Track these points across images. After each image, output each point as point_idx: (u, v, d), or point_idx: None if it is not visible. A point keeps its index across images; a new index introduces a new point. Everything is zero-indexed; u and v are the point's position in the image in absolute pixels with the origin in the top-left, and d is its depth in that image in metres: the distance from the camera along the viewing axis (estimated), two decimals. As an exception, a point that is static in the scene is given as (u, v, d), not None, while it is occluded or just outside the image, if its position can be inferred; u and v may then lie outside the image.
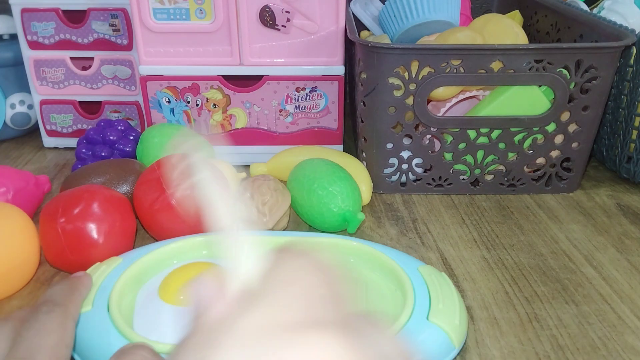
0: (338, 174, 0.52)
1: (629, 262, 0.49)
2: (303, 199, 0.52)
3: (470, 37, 0.58)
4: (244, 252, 0.20)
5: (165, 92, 0.64)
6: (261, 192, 0.50)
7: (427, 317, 0.37)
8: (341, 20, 0.61)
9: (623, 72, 0.60)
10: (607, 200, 0.60)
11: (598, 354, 0.38)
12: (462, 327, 0.37)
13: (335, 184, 0.51)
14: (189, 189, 0.46)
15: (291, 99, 0.64)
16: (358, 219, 0.50)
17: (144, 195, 0.48)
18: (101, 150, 0.61)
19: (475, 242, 0.52)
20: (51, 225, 0.44)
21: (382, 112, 0.57)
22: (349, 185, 0.51)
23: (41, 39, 0.67)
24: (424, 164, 0.60)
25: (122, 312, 0.37)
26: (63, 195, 0.46)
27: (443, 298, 0.38)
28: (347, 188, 0.51)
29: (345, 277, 0.19)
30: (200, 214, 0.21)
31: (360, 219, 0.50)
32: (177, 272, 0.41)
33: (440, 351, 0.36)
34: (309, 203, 0.51)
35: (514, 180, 0.61)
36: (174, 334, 0.35)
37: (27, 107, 0.74)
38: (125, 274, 0.40)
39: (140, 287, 0.42)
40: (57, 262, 0.45)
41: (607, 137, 0.64)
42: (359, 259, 0.45)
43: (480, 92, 0.59)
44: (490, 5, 0.91)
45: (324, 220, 0.51)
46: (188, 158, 0.23)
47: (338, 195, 0.50)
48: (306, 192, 0.51)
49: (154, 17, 0.60)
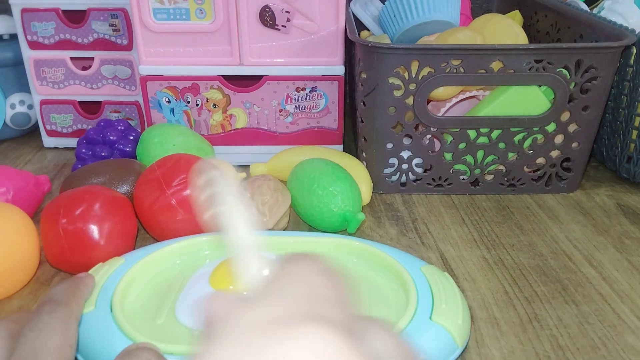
0: (338, 174, 0.52)
1: (629, 262, 0.49)
2: (303, 199, 0.52)
3: (470, 37, 0.58)
4: (257, 267, 0.22)
5: (165, 92, 0.64)
6: (261, 192, 0.50)
7: (430, 316, 0.37)
8: (341, 20, 0.61)
9: (623, 72, 0.60)
10: (607, 200, 0.60)
11: (598, 354, 0.38)
12: (465, 327, 0.37)
13: (335, 184, 0.51)
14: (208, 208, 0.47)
15: (291, 99, 0.64)
16: (358, 219, 0.50)
17: (143, 196, 0.48)
18: (101, 150, 0.61)
19: (475, 242, 0.52)
20: (52, 225, 0.44)
21: (382, 112, 0.57)
22: (349, 185, 0.51)
23: (41, 39, 0.67)
24: (424, 164, 0.60)
25: (125, 312, 0.37)
26: (64, 195, 0.46)
27: (446, 298, 0.38)
28: (347, 188, 0.51)
29: (350, 280, 0.19)
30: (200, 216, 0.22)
31: (361, 219, 0.50)
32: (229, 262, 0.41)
33: (444, 351, 0.36)
34: (309, 203, 0.51)
35: (514, 180, 0.61)
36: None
37: (27, 107, 0.74)
38: (127, 274, 0.40)
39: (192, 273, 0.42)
40: (57, 263, 0.45)
41: (607, 137, 0.64)
42: (362, 258, 0.45)
43: (480, 92, 0.59)
44: (490, 5, 0.91)
45: (324, 220, 0.51)
46: (215, 184, 0.24)
47: (338, 195, 0.50)
48: (306, 192, 0.51)
49: (154, 17, 0.60)
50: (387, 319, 0.38)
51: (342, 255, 0.45)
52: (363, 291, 0.41)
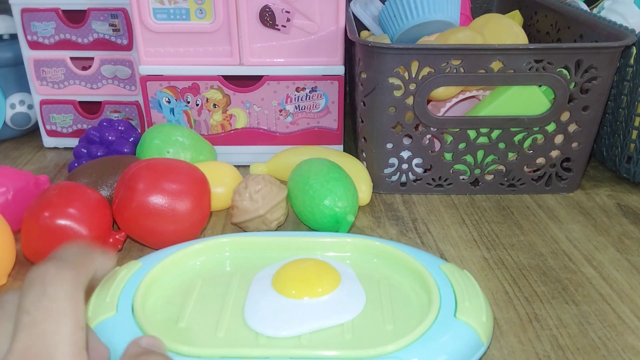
0: (332, 174, 0.51)
1: (629, 262, 0.49)
2: (298, 199, 0.52)
3: (470, 37, 0.58)
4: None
5: (165, 92, 0.64)
6: (255, 182, 0.51)
7: (454, 314, 0.37)
8: (341, 20, 0.61)
9: (623, 72, 0.60)
10: (607, 200, 0.60)
11: (598, 354, 0.38)
12: (489, 324, 0.37)
13: (328, 183, 0.50)
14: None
15: (291, 99, 0.64)
16: (348, 221, 0.50)
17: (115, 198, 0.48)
18: (97, 150, 0.61)
19: (475, 242, 0.52)
20: (32, 221, 0.44)
21: (382, 112, 0.57)
22: (342, 185, 0.51)
23: (41, 39, 0.67)
24: (424, 164, 0.60)
25: (147, 316, 0.37)
26: (46, 192, 0.46)
27: (468, 295, 0.38)
28: (339, 188, 0.50)
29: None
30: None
31: (350, 221, 0.50)
32: (291, 265, 0.42)
33: (469, 349, 0.35)
34: (302, 202, 0.51)
35: (514, 180, 0.61)
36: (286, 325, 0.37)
37: (27, 107, 0.74)
38: (147, 276, 0.40)
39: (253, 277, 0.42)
40: (36, 259, 0.45)
41: (607, 137, 0.64)
42: (381, 258, 0.45)
43: (480, 92, 0.59)
44: (490, 5, 0.91)
45: (316, 220, 0.51)
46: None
47: (329, 195, 0.50)
48: (300, 192, 0.51)
49: (154, 17, 0.60)
50: (409, 320, 0.38)
51: (362, 255, 0.45)
52: (384, 292, 0.41)
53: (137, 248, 0.51)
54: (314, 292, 0.39)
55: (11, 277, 0.46)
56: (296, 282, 0.40)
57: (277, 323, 0.37)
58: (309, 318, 0.37)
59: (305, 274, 0.41)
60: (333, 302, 0.39)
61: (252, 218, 0.50)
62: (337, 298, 0.39)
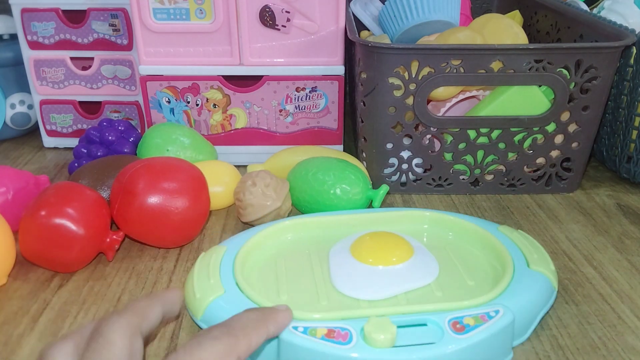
0: (340, 163, 0.54)
1: (629, 262, 0.49)
2: (312, 189, 0.53)
3: (470, 37, 0.58)
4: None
5: (165, 92, 0.64)
6: (262, 177, 0.52)
7: (527, 266, 0.42)
8: (341, 20, 0.61)
9: (623, 72, 0.60)
10: (607, 200, 0.60)
11: (598, 354, 0.38)
12: (556, 272, 0.43)
13: (347, 169, 0.53)
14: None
15: (291, 99, 0.64)
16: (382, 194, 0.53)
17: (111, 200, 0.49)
18: (97, 150, 0.61)
19: (475, 242, 0.52)
20: (30, 220, 0.44)
21: (382, 112, 0.57)
22: (355, 169, 0.54)
23: (41, 39, 0.67)
24: (424, 164, 0.60)
25: (255, 290, 0.40)
26: (44, 192, 0.46)
27: (533, 249, 0.44)
28: (357, 172, 0.53)
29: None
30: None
31: (386, 190, 0.53)
32: (369, 236, 0.46)
33: (546, 295, 0.40)
34: (322, 188, 0.52)
35: (514, 180, 0.61)
36: (379, 289, 0.41)
37: (27, 107, 0.74)
38: (239, 256, 0.43)
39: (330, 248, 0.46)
40: (33, 258, 0.46)
41: (607, 137, 0.64)
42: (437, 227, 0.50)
43: (480, 92, 0.59)
44: (490, 5, 0.91)
45: (348, 202, 0.52)
46: None
47: (354, 177, 0.53)
48: (315, 181, 0.53)
49: (154, 17, 0.60)
50: (485, 276, 0.43)
51: (415, 225, 0.50)
52: (454, 256, 0.46)
53: (137, 248, 0.51)
54: (388, 261, 0.43)
55: (11, 277, 0.46)
56: (374, 252, 0.44)
57: (369, 288, 0.41)
58: (394, 282, 0.41)
59: (381, 245, 0.45)
60: (410, 269, 0.43)
61: (270, 212, 0.51)
62: (412, 266, 0.43)
